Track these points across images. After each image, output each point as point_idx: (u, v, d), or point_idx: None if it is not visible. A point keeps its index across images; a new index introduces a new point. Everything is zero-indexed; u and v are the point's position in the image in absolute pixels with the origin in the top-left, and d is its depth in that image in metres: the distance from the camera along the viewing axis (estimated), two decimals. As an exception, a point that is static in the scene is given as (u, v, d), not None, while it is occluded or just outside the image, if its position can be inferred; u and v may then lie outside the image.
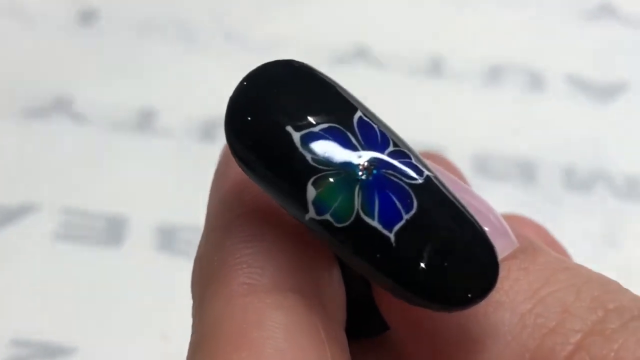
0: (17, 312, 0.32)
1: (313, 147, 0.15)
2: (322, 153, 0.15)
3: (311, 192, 0.15)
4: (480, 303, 0.15)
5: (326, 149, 0.15)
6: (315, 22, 0.43)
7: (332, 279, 0.17)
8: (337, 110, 0.16)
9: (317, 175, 0.15)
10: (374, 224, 0.15)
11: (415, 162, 0.16)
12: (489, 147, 0.38)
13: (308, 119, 0.15)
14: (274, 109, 0.15)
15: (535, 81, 0.41)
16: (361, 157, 0.15)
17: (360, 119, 0.16)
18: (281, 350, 0.15)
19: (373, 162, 0.15)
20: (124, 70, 0.40)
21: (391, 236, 0.15)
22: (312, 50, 0.41)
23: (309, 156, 0.15)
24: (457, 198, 0.16)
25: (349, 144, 0.15)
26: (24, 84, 0.39)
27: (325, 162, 0.15)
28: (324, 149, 0.15)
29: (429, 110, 0.39)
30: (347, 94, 0.16)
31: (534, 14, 0.45)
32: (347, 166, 0.15)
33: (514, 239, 0.16)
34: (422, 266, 0.15)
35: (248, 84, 0.16)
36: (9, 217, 0.34)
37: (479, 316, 0.16)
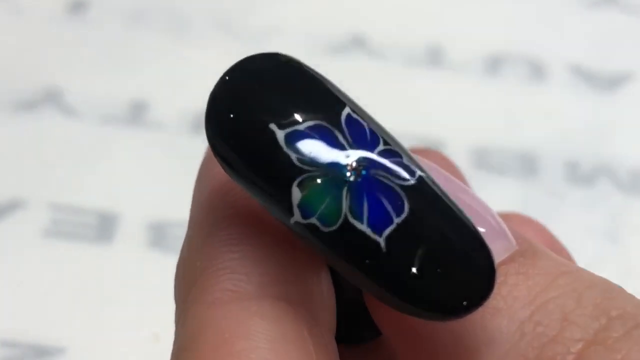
0: (5, 312, 0.31)
1: (298, 146, 0.14)
2: (307, 153, 0.14)
3: (296, 194, 0.14)
4: (476, 311, 0.14)
5: (312, 148, 0.14)
6: (311, 10, 0.42)
7: (321, 283, 0.16)
8: (324, 107, 0.15)
9: (302, 177, 0.14)
10: (363, 228, 0.14)
11: (407, 162, 0.15)
12: (488, 140, 0.37)
13: (293, 117, 0.15)
14: (256, 106, 0.15)
15: (536, 71, 0.40)
16: (349, 157, 0.14)
17: (348, 116, 0.15)
18: None
19: (362, 162, 0.14)
20: (114, 61, 0.39)
21: (381, 241, 0.14)
22: (308, 40, 0.40)
23: (293, 156, 0.14)
24: (451, 199, 0.15)
25: (336, 142, 0.14)
26: (11, 76, 0.39)
27: (311, 162, 0.14)
28: (309, 148, 0.14)
29: (427, 101, 0.39)
30: (335, 89, 0.15)
31: (535, 2, 0.44)
32: (335, 167, 0.14)
33: (512, 241, 0.16)
34: (413, 272, 0.14)
35: (230, 78, 0.15)
36: (-2, 214, 0.34)
37: (476, 323, 0.15)
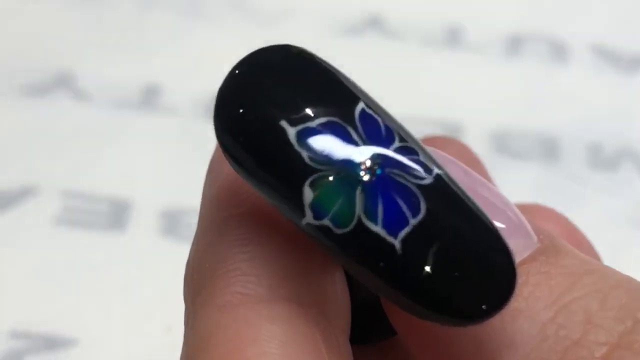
0: (16, 302, 0.31)
1: (310, 144, 0.14)
2: (320, 151, 0.14)
3: (308, 194, 0.14)
4: (494, 317, 0.14)
5: (325, 146, 0.14)
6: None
7: (335, 283, 0.16)
8: (337, 102, 0.14)
9: (314, 176, 0.14)
10: (377, 229, 0.13)
11: (423, 159, 0.14)
12: (508, 123, 0.37)
13: (305, 112, 0.14)
14: (267, 101, 0.14)
15: (557, 51, 0.40)
16: (363, 155, 0.14)
17: (362, 111, 0.14)
18: None
19: (376, 160, 0.14)
20: (127, 45, 0.39)
21: (396, 243, 0.13)
22: (323, 21, 0.40)
23: (305, 154, 0.14)
24: (470, 197, 0.14)
25: (350, 140, 0.14)
26: (23, 60, 0.38)
27: (324, 161, 0.14)
28: (322, 146, 0.14)
29: (445, 84, 0.38)
30: (349, 82, 0.15)
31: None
32: (348, 166, 0.14)
33: (534, 238, 0.15)
34: (430, 276, 0.13)
35: (239, 72, 0.14)
36: (9, 201, 0.34)
37: (495, 325, 0.14)
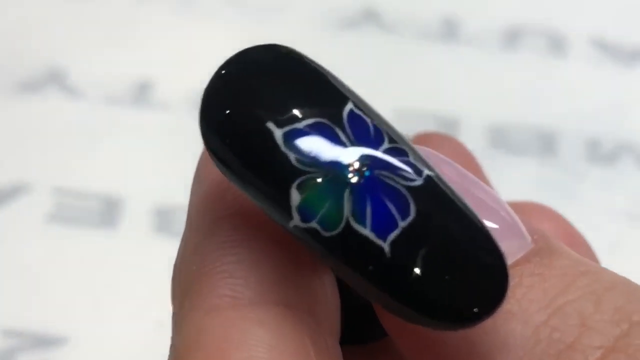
0: (8, 300, 0.31)
1: (297, 145, 0.14)
2: (307, 152, 0.14)
3: (295, 196, 0.13)
4: (487, 320, 0.13)
5: (312, 148, 0.14)
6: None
7: (325, 285, 0.16)
8: (325, 103, 0.14)
9: (301, 178, 0.13)
10: (366, 232, 0.13)
11: (413, 160, 0.14)
12: (505, 117, 0.36)
13: (292, 114, 0.14)
14: (253, 102, 0.14)
15: (556, 45, 0.39)
16: (351, 157, 0.14)
17: (351, 112, 0.14)
18: None
19: (365, 162, 0.14)
20: (118, 39, 0.39)
21: (385, 246, 0.13)
22: (318, 14, 0.39)
23: (292, 156, 0.13)
24: (461, 199, 0.14)
25: (338, 141, 0.14)
26: (14, 56, 0.38)
27: (311, 163, 0.13)
28: (309, 148, 0.14)
29: (442, 77, 0.38)
30: (338, 82, 0.15)
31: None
32: (336, 167, 0.13)
33: (527, 238, 0.15)
34: (420, 279, 0.13)
35: (226, 72, 0.14)
36: (0, 199, 0.33)
37: (488, 328, 0.14)
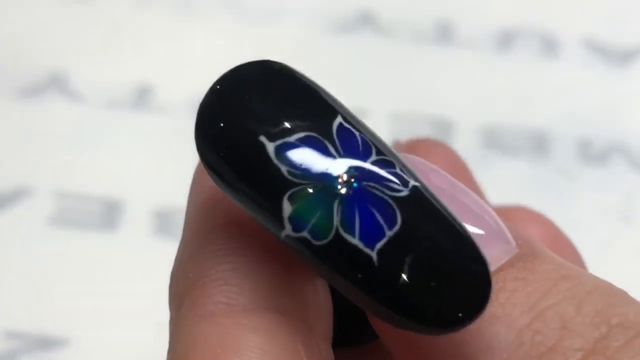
0: (10, 302, 0.31)
1: (288, 159, 0.14)
2: (298, 165, 0.14)
3: (287, 207, 0.14)
4: (471, 324, 0.14)
5: (303, 161, 0.14)
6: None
7: (317, 291, 0.16)
8: (315, 117, 0.15)
9: (292, 190, 0.14)
10: (355, 241, 0.14)
11: (400, 172, 0.14)
12: (499, 119, 0.37)
13: (284, 127, 0.14)
14: (246, 116, 0.14)
15: (549, 46, 0.40)
16: (340, 169, 0.14)
17: (340, 125, 0.15)
18: None
19: (353, 174, 0.14)
20: (119, 44, 0.39)
21: (373, 255, 0.14)
22: (314, 18, 0.40)
23: (284, 169, 0.14)
24: (446, 208, 0.14)
25: (327, 154, 0.14)
26: (15, 60, 0.38)
27: (302, 175, 0.14)
28: (300, 160, 0.14)
29: (436, 80, 0.38)
30: (328, 96, 0.15)
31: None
32: (325, 179, 0.14)
33: (512, 244, 0.16)
34: (406, 286, 0.14)
35: (220, 87, 0.15)
36: (1, 202, 0.34)
37: (473, 331, 0.15)
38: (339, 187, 0.14)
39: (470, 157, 0.22)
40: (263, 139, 0.14)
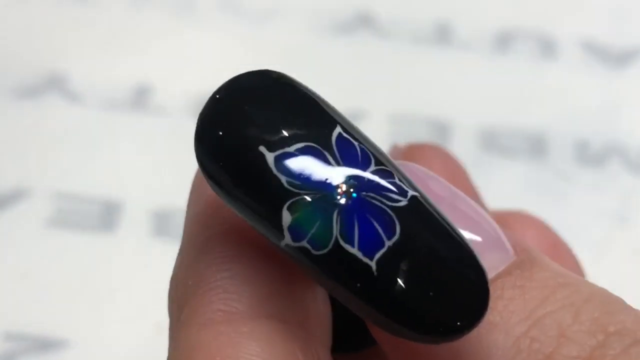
0: (9, 304, 0.32)
1: (288, 169, 0.14)
2: (297, 175, 0.14)
3: (286, 217, 0.14)
4: (470, 332, 0.14)
5: (302, 171, 0.14)
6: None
7: (316, 298, 0.16)
8: (315, 127, 0.15)
9: (292, 200, 0.14)
10: (354, 251, 0.14)
11: (398, 182, 0.14)
12: (497, 120, 0.37)
13: (283, 137, 0.14)
14: (246, 127, 0.14)
15: (547, 48, 0.40)
16: (340, 179, 0.14)
17: (339, 135, 0.15)
18: None
19: (352, 184, 0.14)
20: (117, 45, 0.39)
21: (372, 264, 0.14)
22: (313, 19, 0.40)
23: (283, 179, 0.14)
24: (444, 217, 0.15)
25: (326, 164, 0.14)
26: (14, 62, 0.38)
27: (301, 185, 0.14)
28: (299, 171, 0.14)
29: (434, 81, 0.38)
30: (328, 106, 0.15)
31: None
32: (325, 189, 0.14)
33: (510, 251, 0.16)
34: (405, 295, 0.14)
35: (220, 97, 0.15)
36: (0, 204, 0.34)
37: (471, 339, 0.15)
38: (339, 197, 0.14)
39: (467, 158, 0.22)
40: (263, 149, 0.14)
